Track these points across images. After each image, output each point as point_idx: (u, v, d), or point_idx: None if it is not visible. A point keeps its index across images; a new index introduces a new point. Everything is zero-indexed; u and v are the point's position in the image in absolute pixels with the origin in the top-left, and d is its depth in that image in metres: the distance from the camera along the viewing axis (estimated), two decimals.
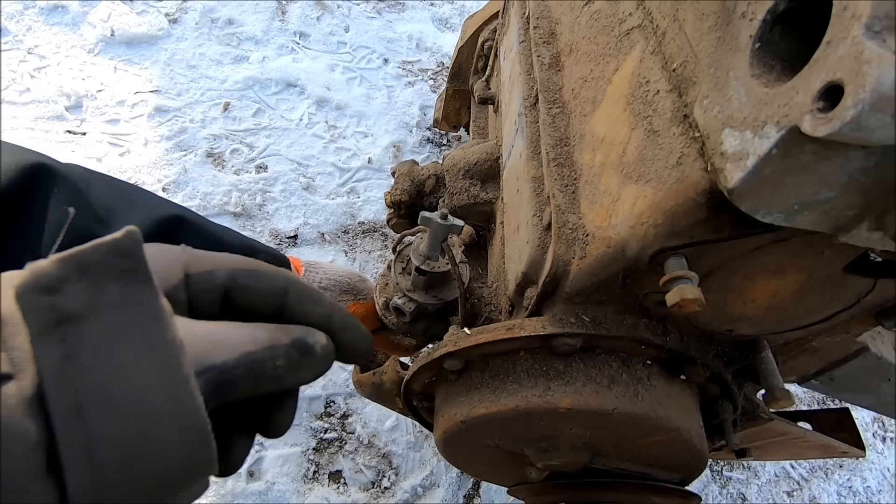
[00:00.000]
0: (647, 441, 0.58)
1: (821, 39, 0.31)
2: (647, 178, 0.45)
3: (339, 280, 0.74)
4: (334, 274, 0.74)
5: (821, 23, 0.33)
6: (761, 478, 1.37)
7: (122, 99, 1.51)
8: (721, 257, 0.45)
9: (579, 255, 0.50)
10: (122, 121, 1.48)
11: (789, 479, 1.39)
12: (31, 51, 1.52)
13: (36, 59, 1.51)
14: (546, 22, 0.77)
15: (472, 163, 0.94)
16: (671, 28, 0.48)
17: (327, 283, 0.72)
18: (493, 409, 0.56)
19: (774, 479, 1.38)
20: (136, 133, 1.47)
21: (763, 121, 0.32)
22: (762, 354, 0.55)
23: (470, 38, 1.33)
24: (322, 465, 1.14)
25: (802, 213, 0.34)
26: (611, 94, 0.56)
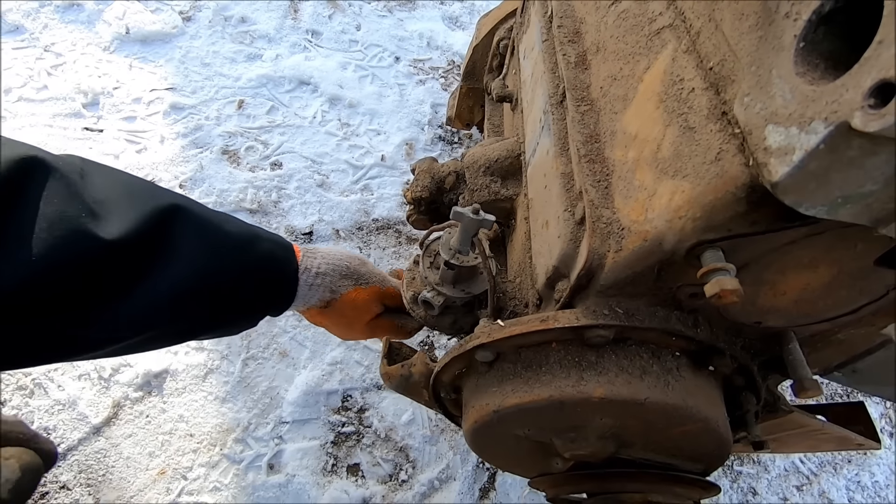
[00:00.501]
0: (676, 431, 0.59)
1: (863, 40, 0.33)
2: (685, 173, 0.47)
3: (337, 264, 0.71)
4: (332, 258, 0.71)
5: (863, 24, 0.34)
6: (771, 472, 1.39)
7: (138, 96, 1.53)
8: (756, 251, 0.46)
9: (615, 249, 0.52)
10: (138, 118, 1.49)
11: (798, 473, 1.40)
12: (47, 48, 1.53)
13: (52, 56, 1.53)
14: (570, 21, 0.79)
15: (493, 160, 0.95)
16: (706, 28, 0.49)
17: (326, 268, 0.70)
18: (526, 399, 0.57)
19: (784, 474, 1.40)
20: (152, 130, 1.48)
21: (810, 117, 0.34)
22: (790, 346, 0.57)
23: (485, 36, 1.34)
24: (340, 459, 1.16)
25: (845, 206, 0.35)
26: (642, 91, 0.57)
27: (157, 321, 0.54)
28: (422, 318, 0.74)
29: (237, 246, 0.59)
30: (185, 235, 0.54)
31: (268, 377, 1.20)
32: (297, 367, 1.23)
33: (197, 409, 1.14)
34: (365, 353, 1.28)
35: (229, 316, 0.62)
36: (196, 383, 1.16)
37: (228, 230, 0.59)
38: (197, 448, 1.10)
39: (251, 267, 0.60)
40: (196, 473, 1.07)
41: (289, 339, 1.26)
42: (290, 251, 0.67)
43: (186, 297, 0.54)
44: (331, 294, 0.70)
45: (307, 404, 1.19)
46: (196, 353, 1.19)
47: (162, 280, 0.52)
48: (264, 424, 1.15)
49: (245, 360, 1.21)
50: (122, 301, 0.50)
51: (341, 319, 0.73)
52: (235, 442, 1.12)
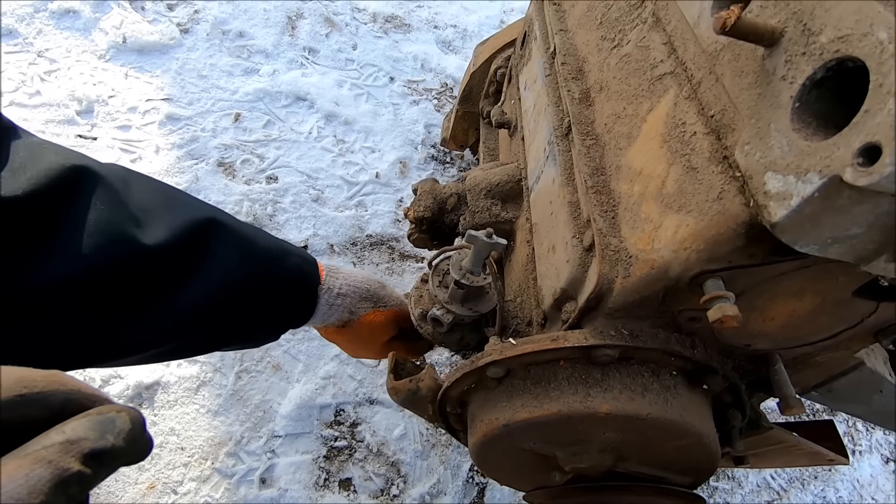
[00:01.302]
0: (671, 445, 0.64)
1: (849, 103, 0.39)
2: (689, 208, 0.52)
3: (358, 286, 0.74)
4: (354, 280, 0.74)
5: (849, 91, 0.40)
6: (744, 487, 1.45)
7: (134, 106, 1.53)
8: (751, 280, 0.51)
9: (623, 275, 0.56)
10: (133, 127, 1.49)
11: (770, 489, 1.47)
12: (41, 54, 1.52)
13: (46, 62, 1.52)
14: (573, 59, 0.85)
15: (494, 183, 1.00)
16: (707, 79, 0.55)
17: (347, 290, 0.73)
18: (536, 414, 0.61)
19: (756, 490, 1.46)
20: (147, 140, 1.48)
21: (806, 168, 0.39)
22: (776, 367, 0.62)
23: (483, 63, 1.40)
24: (332, 473, 1.16)
25: (834, 245, 0.41)
26: (646, 131, 0.62)
27: (190, 329, 0.56)
28: (429, 334, 0.77)
29: (269, 259, 0.61)
30: (222, 247, 0.56)
31: (261, 390, 1.21)
32: (291, 380, 1.24)
33: (188, 422, 1.13)
34: (358, 367, 1.30)
35: (257, 327, 0.65)
36: (188, 396, 1.16)
37: (261, 244, 0.61)
38: (188, 462, 1.09)
39: (281, 280, 0.63)
40: (187, 488, 1.06)
41: (282, 352, 1.27)
42: (315, 267, 0.69)
43: (220, 307, 0.56)
44: (349, 315, 0.73)
45: (300, 418, 1.19)
46: (188, 365, 1.19)
47: (198, 288, 0.54)
48: (257, 438, 1.15)
49: (238, 372, 1.21)
50: (160, 306, 0.52)
51: (356, 340, 0.76)
52: (227, 456, 1.11)
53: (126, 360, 0.55)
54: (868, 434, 1.66)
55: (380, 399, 1.27)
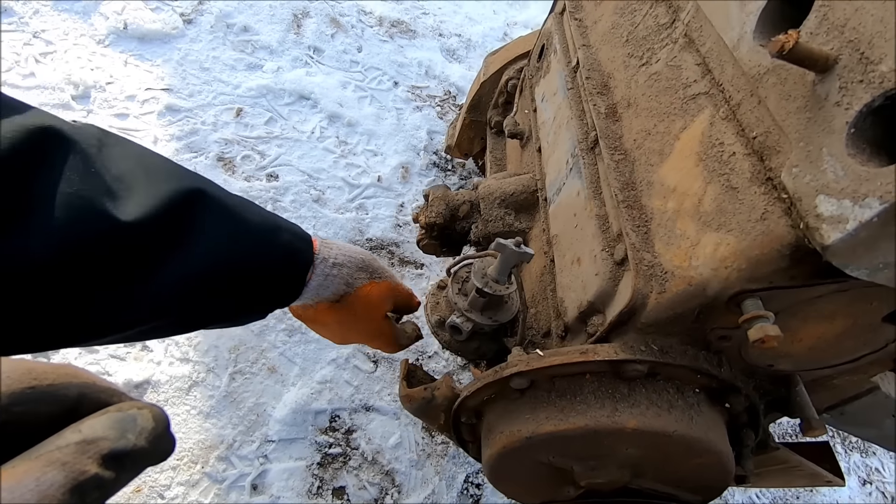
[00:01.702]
0: (691, 463, 0.64)
1: None
2: (729, 227, 0.52)
3: (353, 256, 0.69)
4: (348, 250, 0.70)
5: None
6: None
7: (132, 94, 1.48)
8: (787, 301, 0.52)
9: (658, 291, 0.56)
10: (131, 116, 1.45)
11: None
12: (37, 35, 1.47)
13: (42, 43, 1.46)
14: (597, 74, 0.85)
15: (509, 193, 1.00)
16: (747, 101, 0.56)
17: (343, 259, 0.67)
18: (561, 427, 0.60)
19: None
20: (145, 130, 1.44)
21: (864, 193, 0.39)
22: (797, 388, 0.63)
23: (494, 74, 1.40)
24: (326, 481, 1.13)
25: (884, 270, 0.41)
26: (679, 149, 0.63)
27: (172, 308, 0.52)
28: (446, 342, 0.76)
29: (258, 235, 0.56)
30: (207, 221, 0.51)
31: (255, 393, 1.17)
32: (286, 383, 1.20)
33: (179, 424, 1.09)
34: (354, 372, 1.27)
35: (243, 306, 0.60)
36: (179, 396, 1.11)
37: (250, 218, 0.56)
38: (177, 465, 1.05)
39: (271, 258, 0.58)
40: (174, 492, 1.02)
41: (278, 354, 1.23)
42: (309, 244, 0.64)
43: (204, 286, 0.52)
44: (345, 287, 0.67)
45: (294, 423, 1.16)
46: (181, 364, 1.15)
47: (180, 266, 0.49)
48: (249, 442, 1.11)
49: (232, 374, 1.17)
50: (137, 285, 0.47)
51: (351, 317, 0.70)
52: (218, 460, 1.07)
53: (104, 340, 0.51)
54: (847, 456, 1.70)
55: (376, 406, 1.24)
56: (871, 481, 1.69)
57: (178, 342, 1.17)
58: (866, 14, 0.43)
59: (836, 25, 0.46)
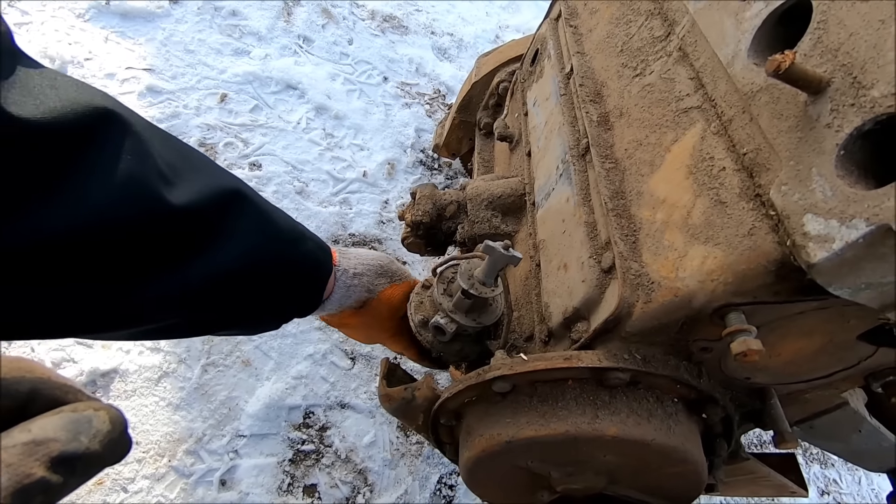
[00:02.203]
0: (668, 471, 0.64)
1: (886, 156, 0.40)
2: (716, 241, 0.53)
3: (371, 264, 0.72)
4: (366, 258, 0.72)
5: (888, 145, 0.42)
6: None
7: (112, 72, 1.43)
8: (769, 317, 0.53)
9: (644, 300, 0.57)
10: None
11: None
12: (11, 3, 1.41)
13: (17, 13, 1.40)
14: (591, 82, 0.86)
15: (497, 196, 1.00)
16: (739, 117, 0.57)
17: (362, 269, 0.70)
18: (542, 432, 0.60)
19: None
20: None
21: (851, 214, 0.40)
22: (772, 401, 0.64)
23: (485, 75, 1.40)
24: (297, 478, 1.11)
25: (865, 290, 0.42)
26: (670, 161, 0.64)
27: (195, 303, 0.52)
28: (429, 342, 0.75)
29: (286, 240, 0.58)
30: (243, 220, 0.53)
31: (227, 386, 1.14)
32: (260, 378, 1.18)
33: (146, 415, 1.05)
34: (331, 369, 1.26)
35: (263, 311, 0.61)
36: (148, 387, 1.08)
37: (281, 224, 0.58)
38: (142, 458, 1.01)
39: (294, 263, 0.59)
40: (139, 486, 0.99)
41: (253, 347, 1.21)
42: (329, 255, 0.66)
43: (230, 283, 0.52)
44: (367, 294, 0.70)
45: (267, 418, 1.14)
46: (151, 353, 1.11)
47: (215, 260, 0.50)
48: (219, 437, 1.08)
49: (205, 365, 1.14)
50: (174, 273, 0.48)
51: (374, 320, 0.73)
52: (186, 454, 1.04)
53: (117, 334, 0.50)
54: (807, 467, 1.76)
55: (351, 404, 1.23)
56: (829, 492, 1.75)
57: None
58: (860, 39, 0.44)
59: (830, 49, 0.47)
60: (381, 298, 0.71)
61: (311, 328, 1.28)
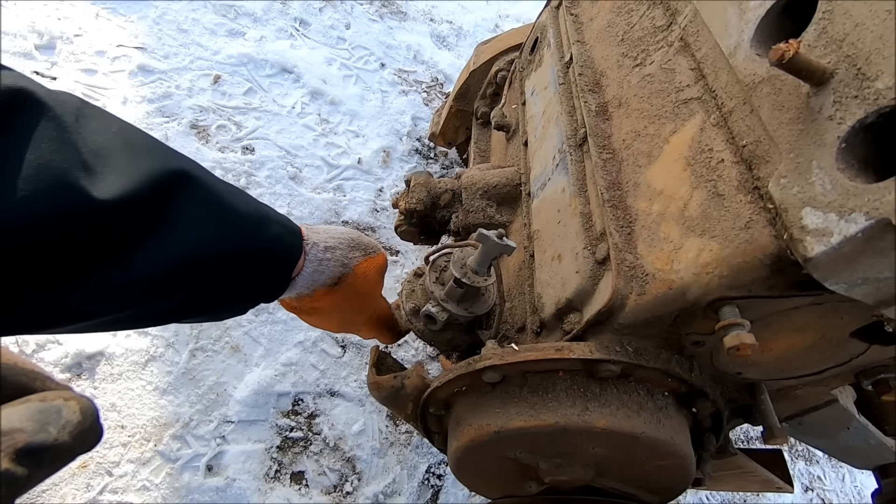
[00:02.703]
0: (655, 464, 0.64)
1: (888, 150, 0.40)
2: (713, 234, 0.52)
3: (343, 237, 0.66)
4: (336, 232, 0.67)
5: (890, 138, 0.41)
6: None
7: (102, 49, 1.40)
8: (764, 311, 0.52)
9: (637, 292, 0.56)
10: (99, 72, 1.37)
11: None
12: None
13: None
14: (590, 71, 0.84)
15: (492, 185, 0.98)
16: (739, 109, 0.56)
17: (334, 242, 0.64)
18: (531, 423, 0.60)
19: None
20: (115, 88, 1.36)
21: (850, 208, 0.40)
22: (762, 397, 0.64)
23: (484, 64, 1.38)
24: (285, 465, 1.10)
25: (861, 286, 0.42)
26: (668, 152, 0.63)
27: (144, 297, 0.48)
28: (420, 331, 0.75)
29: (245, 226, 0.53)
30: (190, 207, 0.48)
31: (216, 372, 1.13)
32: (249, 364, 1.17)
33: (132, 399, 1.04)
34: (321, 356, 1.25)
35: (223, 299, 0.57)
36: (134, 370, 1.07)
37: (238, 207, 0.53)
38: (128, 442, 1.00)
39: (256, 250, 0.55)
40: (123, 469, 0.98)
41: (243, 333, 1.19)
42: (299, 237, 0.61)
43: (181, 275, 0.48)
44: (342, 268, 0.64)
45: (256, 404, 1.13)
46: (138, 337, 1.10)
47: (156, 253, 0.46)
48: (207, 422, 1.07)
49: (193, 350, 1.13)
50: (107, 272, 0.43)
51: (350, 299, 0.67)
52: (173, 438, 1.03)
53: (64, 329, 0.46)
54: (792, 464, 1.77)
55: (341, 391, 1.22)
56: (813, 488, 1.77)
57: None
58: (866, 30, 0.44)
59: (835, 39, 0.46)
60: (356, 273, 0.65)
61: None
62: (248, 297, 0.60)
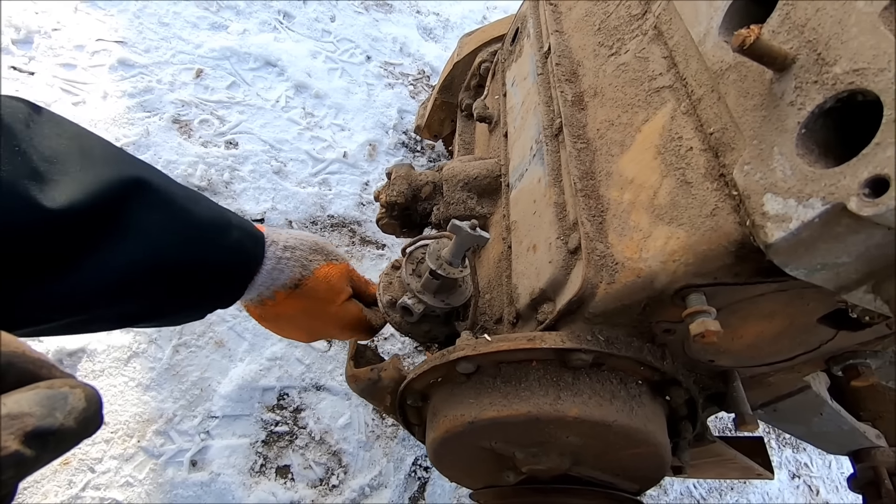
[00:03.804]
0: (629, 452, 0.65)
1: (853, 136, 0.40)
2: (680, 221, 0.52)
3: (304, 239, 0.66)
4: (298, 234, 0.67)
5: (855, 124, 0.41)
6: (669, 495, 1.53)
7: (81, 44, 1.38)
8: (731, 298, 0.52)
9: (607, 281, 0.56)
10: (79, 67, 1.35)
11: (692, 497, 1.56)
12: None
13: None
14: (567, 61, 0.84)
15: (473, 177, 0.98)
16: (708, 97, 0.56)
17: (294, 242, 0.64)
18: (504, 413, 0.60)
19: (679, 497, 1.54)
20: (94, 83, 1.35)
21: (808, 193, 0.40)
22: (734, 384, 0.64)
23: (467, 55, 1.37)
24: (270, 459, 1.11)
25: (821, 271, 0.42)
26: (640, 141, 0.63)
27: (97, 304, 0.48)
28: (397, 323, 0.75)
29: (205, 232, 0.53)
30: (147, 213, 0.47)
31: (200, 367, 1.13)
32: (234, 358, 1.17)
33: (115, 395, 1.04)
34: (307, 350, 1.25)
35: (179, 306, 0.56)
36: (117, 367, 1.06)
37: (197, 213, 0.52)
38: (110, 438, 1.00)
39: (215, 257, 0.54)
40: (106, 466, 0.98)
41: (227, 328, 1.19)
42: (261, 243, 0.60)
43: (135, 282, 0.48)
44: (302, 270, 0.63)
45: (240, 399, 1.13)
46: (120, 333, 1.09)
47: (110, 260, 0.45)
48: (191, 417, 1.07)
49: (176, 346, 1.13)
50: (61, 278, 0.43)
51: (314, 304, 0.66)
52: (156, 434, 1.03)
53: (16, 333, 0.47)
54: (779, 451, 1.79)
55: (327, 385, 1.22)
56: (800, 475, 1.79)
57: None
58: (826, 15, 0.43)
59: (797, 25, 0.46)
60: (317, 277, 0.65)
61: None
62: (205, 303, 0.59)
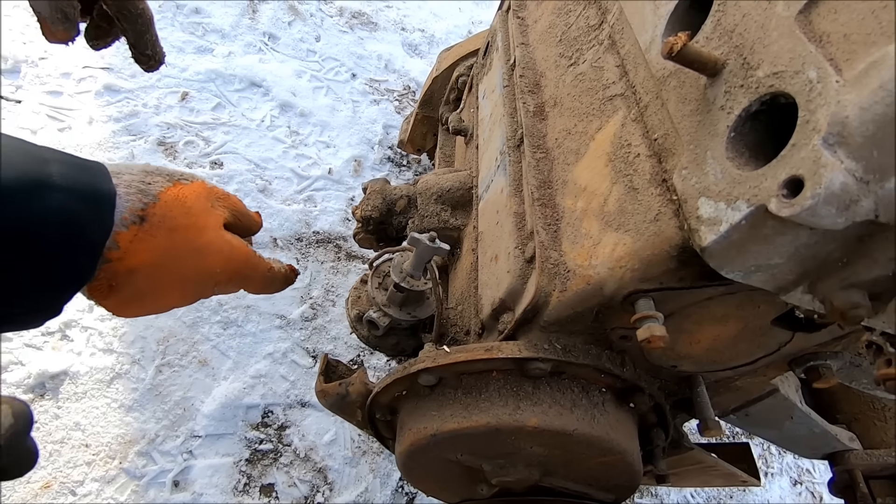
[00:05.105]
0: (596, 461, 0.64)
1: (779, 138, 0.40)
2: (627, 227, 0.52)
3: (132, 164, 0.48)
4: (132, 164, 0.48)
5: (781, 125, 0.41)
6: None
7: (68, 71, 1.41)
8: (680, 303, 0.52)
9: (560, 289, 0.56)
10: (65, 94, 1.38)
11: None
12: None
13: None
14: (531, 73, 0.85)
15: (446, 189, 0.99)
16: (653, 103, 0.56)
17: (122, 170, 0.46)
18: (464, 425, 0.60)
19: None
20: (80, 109, 1.37)
21: (735, 196, 0.40)
22: (698, 389, 0.64)
23: (445, 70, 1.39)
24: (254, 478, 1.10)
25: (756, 273, 0.42)
26: (593, 149, 0.63)
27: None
28: (364, 337, 0.75)
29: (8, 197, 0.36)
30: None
31: (183, 386, 1.13)
32: (217, 377, 1.17)
33: (97, 417, 1.04)
34: (291, 367, 1.25)
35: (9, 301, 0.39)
36: (99, 388, 1.07)
37: None
38: (92, 460, 1.00)
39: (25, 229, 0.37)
40: (88, 489, 0.98)
41: (211, 347, 1.19)
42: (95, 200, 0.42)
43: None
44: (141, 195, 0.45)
45: (224, 418, 1.13)
46: (103, 355, 1.10)
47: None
48: (173, 437, 1.07)
49: (159, 366, 1.13)
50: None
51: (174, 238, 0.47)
52: (138, 455, 1.03)
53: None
54: (780, 458, 1.76)
55: (312, 402, 1.22)
56: (802, 482, 1.75)
57: (101, 332, 1.12)
58: (751, 20, 0.44)
59: (727, 30, 0.46)
60: (166, 200, 0.46)
61: (272, 327, 1.27)
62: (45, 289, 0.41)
